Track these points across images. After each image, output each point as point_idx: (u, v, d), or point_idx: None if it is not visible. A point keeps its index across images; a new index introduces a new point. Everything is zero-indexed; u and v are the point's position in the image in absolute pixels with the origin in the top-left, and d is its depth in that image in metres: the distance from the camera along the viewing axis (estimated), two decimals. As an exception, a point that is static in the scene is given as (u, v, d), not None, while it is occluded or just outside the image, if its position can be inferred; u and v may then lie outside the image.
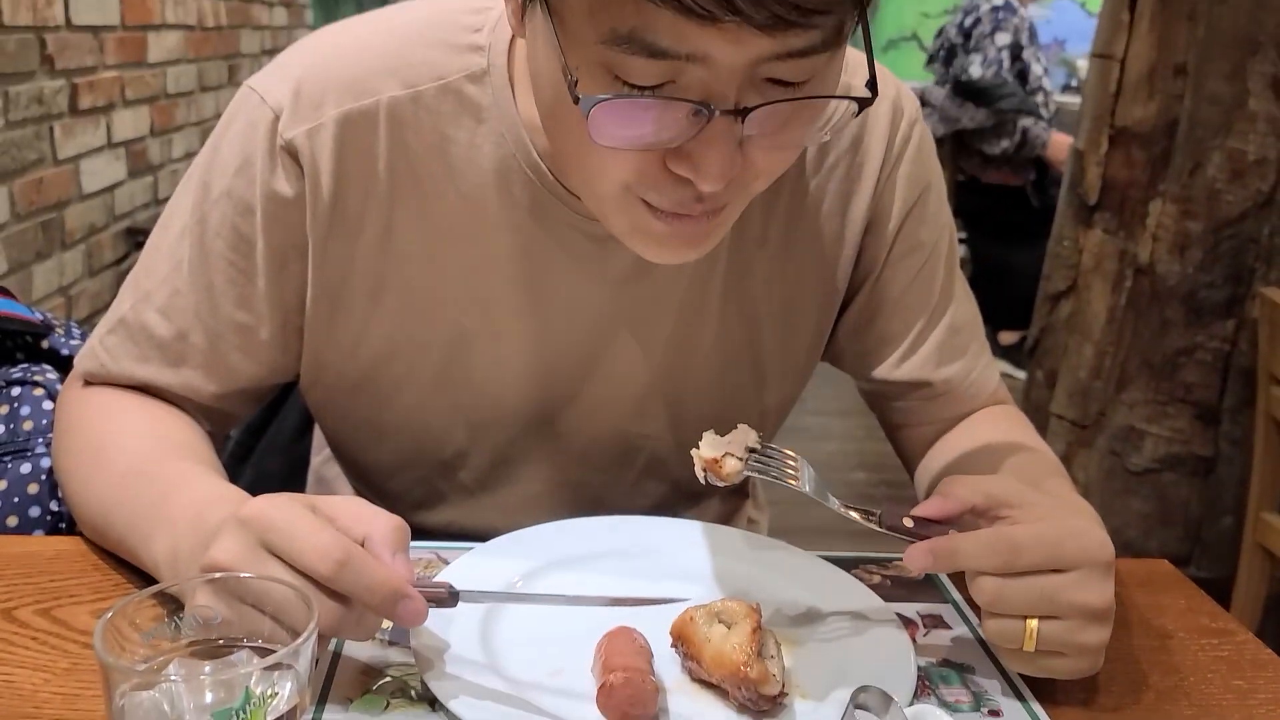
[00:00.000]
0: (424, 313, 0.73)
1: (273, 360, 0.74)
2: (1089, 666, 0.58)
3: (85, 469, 0.70)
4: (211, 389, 0.74)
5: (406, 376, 0.75)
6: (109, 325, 0.74)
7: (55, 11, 2.16)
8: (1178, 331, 1.84)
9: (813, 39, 0.52)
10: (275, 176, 0.69)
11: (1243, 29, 1.73)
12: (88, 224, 2.39)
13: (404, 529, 0.55)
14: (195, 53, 3.00)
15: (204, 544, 0.53)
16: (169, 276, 0.72)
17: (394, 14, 0.73)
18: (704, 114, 0.53)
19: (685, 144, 0.55)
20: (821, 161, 0.76)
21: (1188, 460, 1.87)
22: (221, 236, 0.71)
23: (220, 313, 0.72)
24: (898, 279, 0.79)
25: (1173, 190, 1.82)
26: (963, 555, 0.58)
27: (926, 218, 0.79)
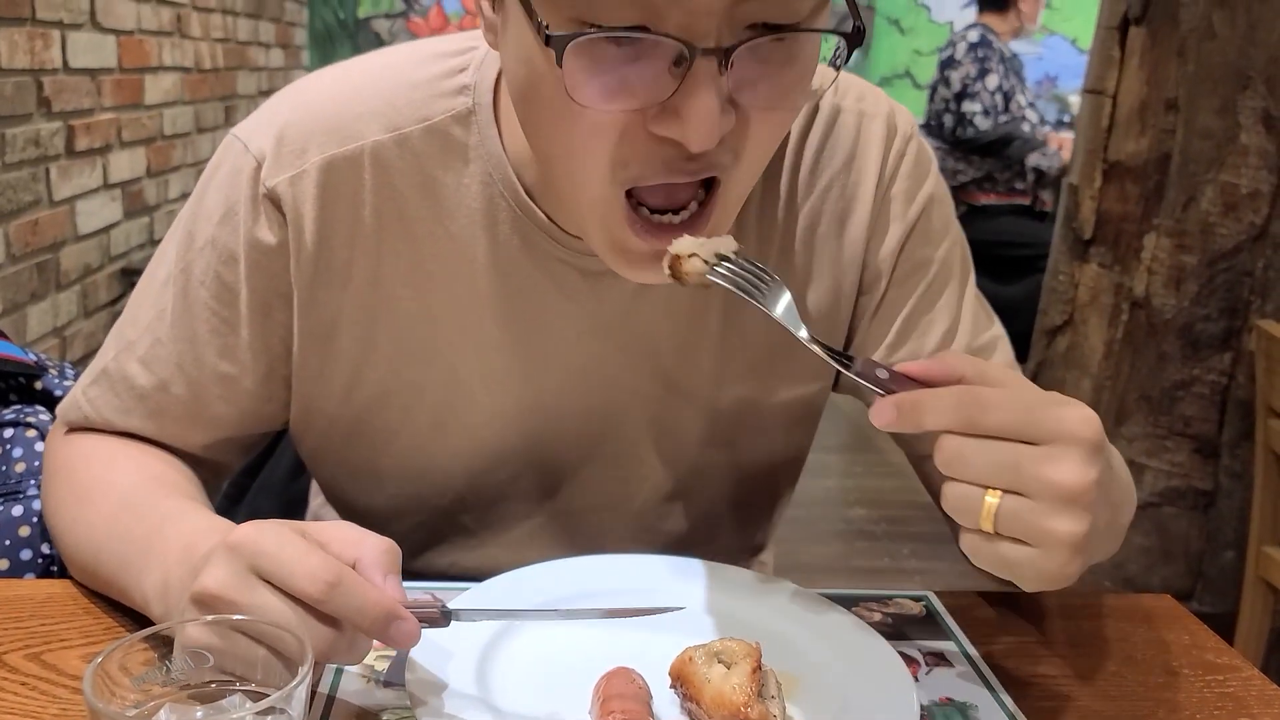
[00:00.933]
0: (417, 357, 0.72)
1: (257, 409, 0.74)
2: (1057, 568, 0.50)
3: (73, 510, 0.69)
4: (196, 438, 0.73)
5: (401, 422, 0.74)
6: (92, 376, 0.74)
7: (53, 54, 2.17)
8: (1175, 365, 1.84)
9: None
10: (258, 225, 0.69)
11: (1232, 64, 1.74)
12: (83, 265, 2.39)
13: (395, 551, 0.54)
14: (192, 94, 3.02)
15: (193, 574, 0.52)
16: (152, 326, 0.72)
17: (377, 58, 0.73)
18: (684, 61, 0.51)
19: (669, 100, 0.52)
20: (814, 184, 0.75)
21: (1188, 494, 1.86)
22: (205, 286, 0.70)
23: (203, 363, 0.71)
24: (904, 297, 0.76)
25: (1167, 224, 1.82)
26: (926, 409, 0.52)
27: (931, 235, 0.77)
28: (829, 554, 2.44)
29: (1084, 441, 0.50)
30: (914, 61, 5.01)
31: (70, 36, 2.24)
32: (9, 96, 2.00)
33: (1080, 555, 0.50)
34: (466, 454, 0.76)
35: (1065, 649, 0.67)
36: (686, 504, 0.81)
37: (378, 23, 4.62)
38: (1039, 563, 0.50)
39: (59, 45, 2.20)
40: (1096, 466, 0.50)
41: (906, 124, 0.77)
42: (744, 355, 0.76)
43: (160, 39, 2.76)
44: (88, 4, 2.32)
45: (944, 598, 0.72)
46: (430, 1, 4.65)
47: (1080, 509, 0.49)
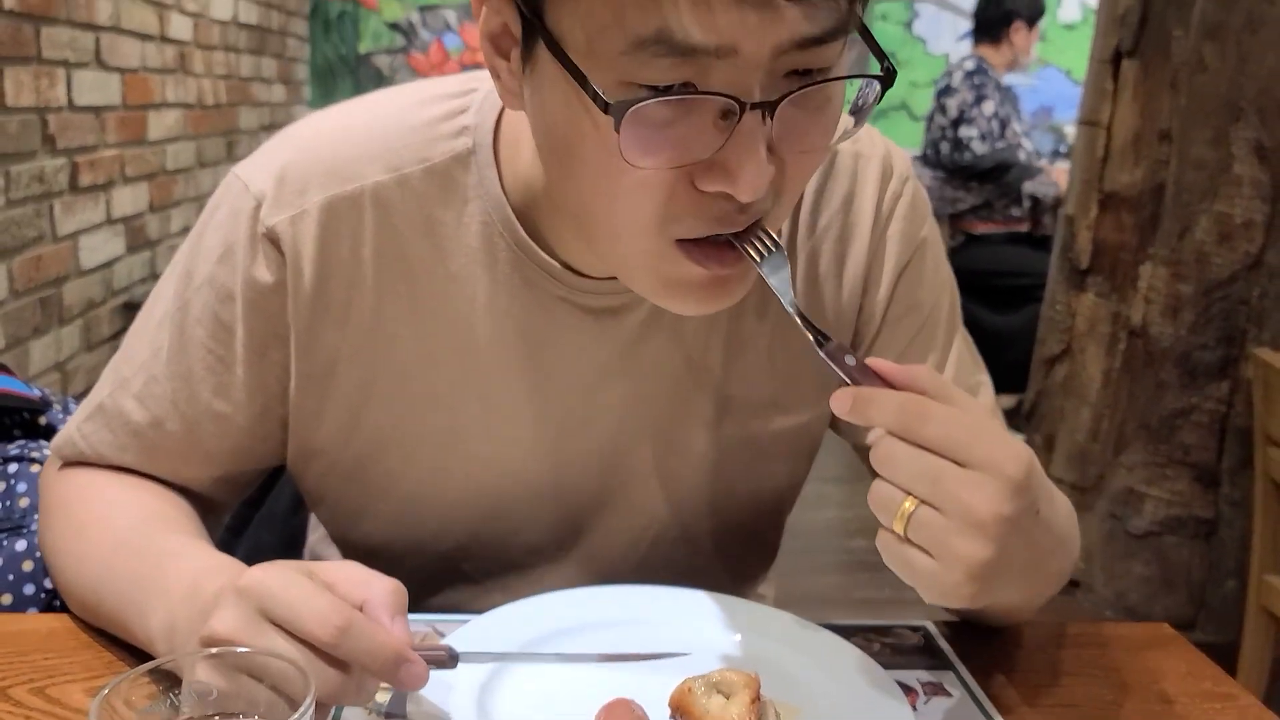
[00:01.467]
0: (417, 399, 0.72)
1: (252, 448, 0.73)
2: (953, 585, 0.52)
3: (72, 547, 0.69)
4: (191, 475, 0.73)
5: (402, 466, 0.74)
6: (87, 411, 0.74)
7: (58, 92, 2.20)
8: (1173, 393, 1.85)
9: (830, 19, 0.52)
10: (256, 264, 0.69)
11: (1223, 96, 1.76)
12: (86, 299, 2.41)
13: (402, 592, 0.55)
14: (194, 130, 3.04)
15: (201, 615, 0.53)
16: (147, 363, 0.72)
17: (378, 100, 0.73)
18: (733, 115, 0.52)
19: (715, 156, 0.54)
20: (815, 224, 0.76)
21: (1189, 523, 1.86)
22: (202, 324, 0.70)
23: (198, 401, 0.71)
24: (896, 340, 0.78)
25: (1162, 253, 1.84)
26: (875, 407, 0.54)
27: (924, 277, 0.78)
28: (830, 585, 2.43)
29: (1008, 477, 0.52)
30: (910, 93, 5.05)
31: (75, 75, 2.27)
32: (14, 134, 2.02)
33: (979, 581, 0.52)
34: (468, 498, 0.75)
35: (1064, 679, 0.68)
36: (688, 540, 0.81)
37: (379, 58, 4.66)
38: (938, 575, 0.52)
39: (64, 83, 2.22)
40: (1014, 503, 0.51)
41: (903, 165, 0.78)
42: (745, 388, 0.77)
43: (164, 76, 2.79)
44: (93, 43, 2.35)
45: (943, 628, 0.72)
46: (430, 38, 4.70)
47: (986, 537, 0.51)
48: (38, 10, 2.08)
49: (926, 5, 5.03)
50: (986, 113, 3.73)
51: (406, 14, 4.66)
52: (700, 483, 0.78)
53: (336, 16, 4.59)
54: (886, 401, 0.54)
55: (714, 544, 0.82)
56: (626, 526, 0.78)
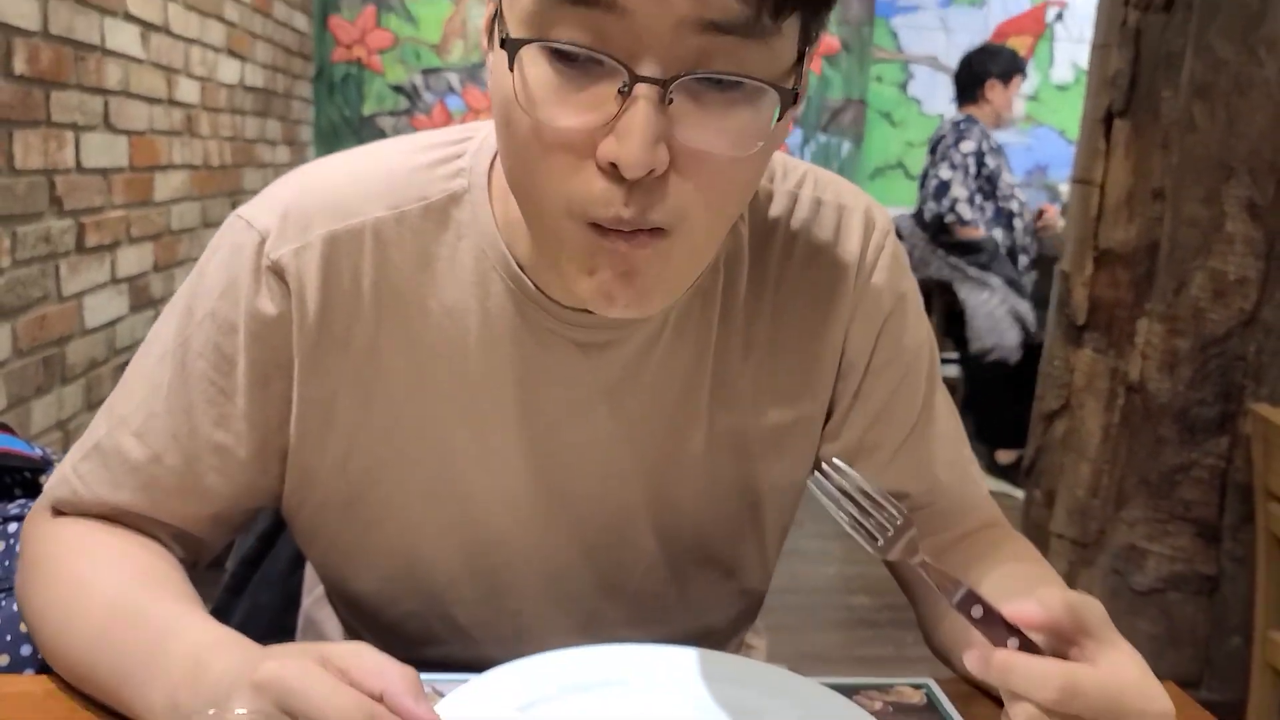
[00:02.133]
0: (410, 429, 0.74)
1: (250, 481, 0.74)
2: None
3: (60, 613, 0.68)
4: (186, 512, 0.73)
5: (396, 496, 0.75)
6: (83, 451, 0.74)
7: (66, 155, 2.23)
8: (1173, 449, 1.85)
9: (731, 6, 0.54)
10: (260, 295, 0.71)
11: (1214, 155, 1.79)
12: (88, 359, 2.42)
13: (416, 676, 0.55)
14: (200, 190, 3.08)
15: (206, 698, 0.53)
16: (147, 400, 0.72)
17: (379, 146, 0.77)
18: (625, 88, 0.55)
19: (612, 126, 0.56)
20: (797, 270, 0.78)
21: (1192, 579, 1.85)
22: (204, 357, 0.71)
23: (198, 433, 0.72)
24: (879, 390, 0.80)
25: (1159, 309, 1.85)
26: (1018, 678, 0.55)
27: (906, 328, 0.80)
28: (831, 642, 2.40)
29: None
30: (906, 152, 5.12)
31: (84, 137, 2.30)
32: (21, 196, 2.05)
33: None
34: (459, 531, 0.76)
35: (1067, 737, 0.67)
36: (681, 581, 0.82)
37: (382, 120, 4.73)
38: None
39: (73, 146, 2.26)
40: None
41: (884, 220, 0.81)
42: (730, 425, 0.78)
43: (171, 138, 2.83)
44: (102, 106, 2.39)
45: (945, 685, 0.72)
46: (433, 99, 4.77)
47: None
48: (49, 75, 2.11)
49: (921, 67, 5.11)
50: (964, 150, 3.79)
51: (410, 77, 4.74)
52: (690, 517, 0.80)
53: (341, 79, 4.67)
54: (1029, 673, 0.55)
55: (703, 580, 0.83)
56: (617, 561, 0.79)
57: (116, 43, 2.44)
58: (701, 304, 0.76)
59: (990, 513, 0.85)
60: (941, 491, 0.82)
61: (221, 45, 3.22)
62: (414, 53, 4.72)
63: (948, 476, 0.82)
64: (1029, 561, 0.79)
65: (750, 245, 0.77)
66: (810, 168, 0.81)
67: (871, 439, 0.81)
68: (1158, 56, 1.83)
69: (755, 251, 0.77)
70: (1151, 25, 1.84)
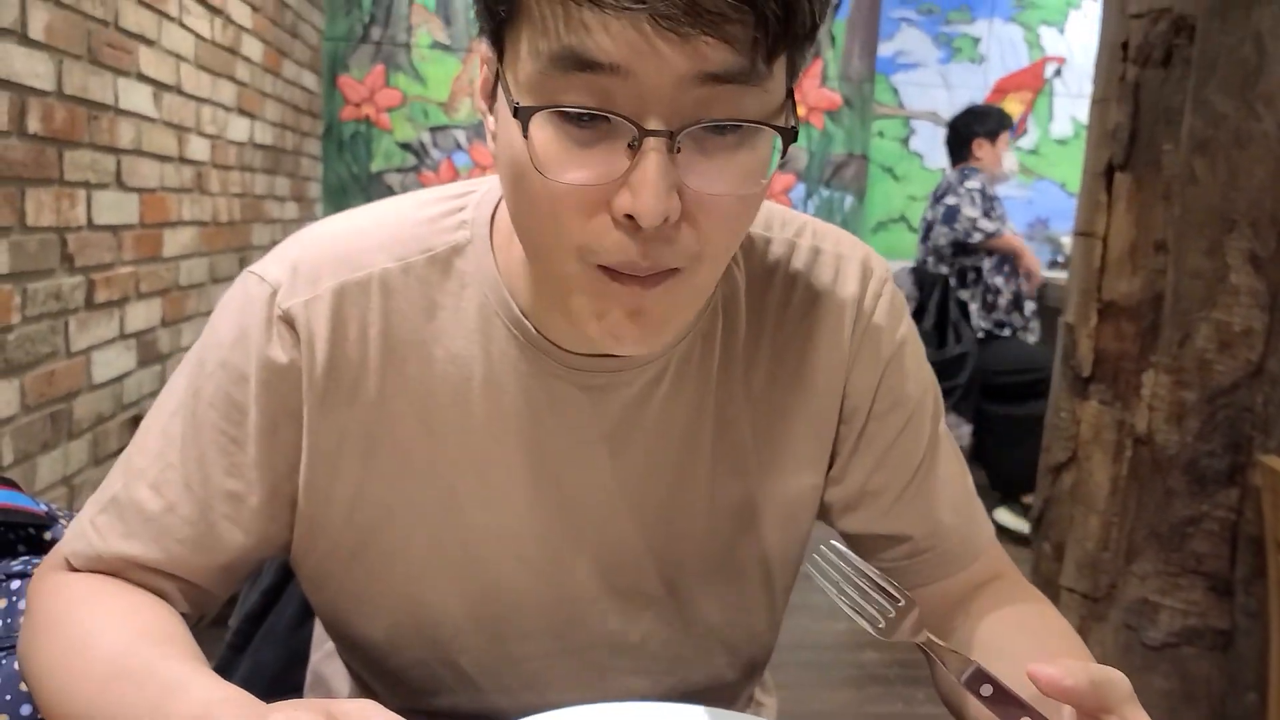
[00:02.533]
0: (417, 476, 0.74)
1: (261, 529, 0.75)
2: None
3: (63, 670, 0.68)
4: (198, 563, 0.74)
5: (401, 544, 0.75)
6: (100, 505, 0.75)
7: (78, 212, 2.26)
8: (1182, 501, 1.84)
9: (728, 60, 0.56)
10: (271, 344, 0.72)
11: (1216, 208, 1.80)
12: (95, 414, 2.42)
13: None
14: (208, 246, 3.11)
15: None
16: (162, 452, 0.73)
17: (385, 203, 0.79)
18: (635, 143, 0.57)
19: (624, 180, 0.58)
20: (795, 315, 0.79)
21: (1206, 634, 1.83)
22: (215, 407, 0.73)
23: (210, 482, 0.73)
24: (882, 435, 0.81)
25: (1164, 361, 1.85)
26: None
27: (907, 373, 0.81)
28: (841, 700, 2.37)
29: None
30: (908, 206, 5.16)
31: (96, 195, 2.33)
32: (33, 253, 2.07)
33: None
34: (465, 578, 0.76)
35: (1081, 797, 0.66)
36: (687, 630, 0.81)
37: (390, 177, 4.78)
38: None
39: (84, 203, 2.28)
40: None
41: (882, 268, 0.82)
42: (732, 465, 0.79)
43: (181, 195, 2.86)
44: (114, 165, 2.42)
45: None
46: (441, 156, 4.83)
47: None
48: (62, 134, 2.15)
49: (922, 122, 5.17)
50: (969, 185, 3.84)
51: (418, 134, 4.80)
52: (695, 560, 0.80)
53: (350, 137, 4.73)
54: None
55: (709, 627, 0.82)
56: (620, 608, 0.79)
57: (130, 102, 2.48)
58: (702, 348, 0.77)
59: (999, 561, 0.85)
60: (945, 535, 0.82)
61: (232, 104, 3.27)
62: (422, 111, 4.78)
63: (952, 520, 0.82)
64: (1050, 623, 0.78)
65: (748, 291, 0.78)
66: (809, 219, 0.82)
67: (875, 484, 0.81)
68: (1157, 111, 1.85)
69: (753, 297, 0.78)
70: (1150, 80, 1.87)
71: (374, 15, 4.73)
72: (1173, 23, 1.83)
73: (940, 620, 0.82)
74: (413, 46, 4.76)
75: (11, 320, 2.00)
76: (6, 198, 1.95)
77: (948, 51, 5.14)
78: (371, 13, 4.72)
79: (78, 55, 2.20)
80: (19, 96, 1.96)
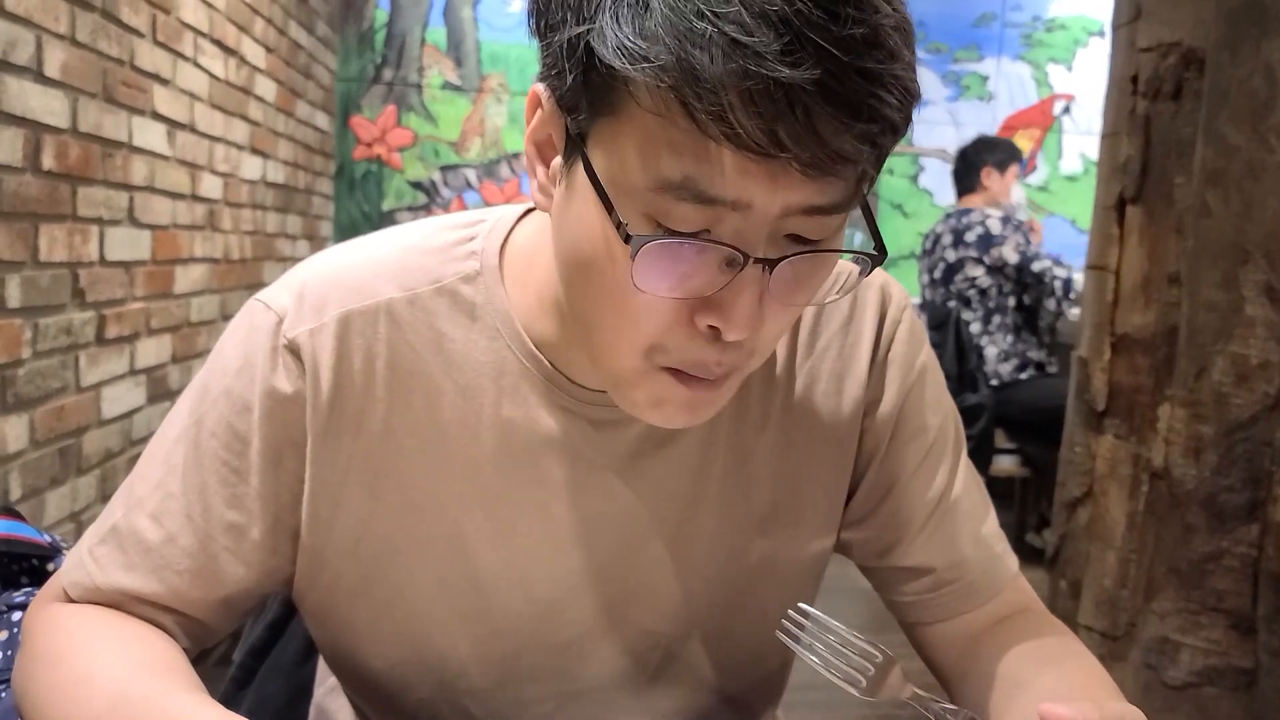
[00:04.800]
0: (423, 510, 0.73)
1: (262, 562, 0.73)
2: None
3: (61, 702, 0.66)
4: (197, 596, 0.72)
5: (406, 580, 0.74)
6: (99, 535, 0.73)
7: (90, 248, 2.27)
8: (1201, 537, 1.81)
9: (838, 193, 0.57)
10: (275, 374, 0.71)
11: (1229, 240, 1.79)
12: (104, 449, 2.42)
13: None
14: (219, 283, 3.12)
15: None
16: (163, 482, 0.72)
17: (393, 231, 0.78)
18: (737, 263, 0.57)
19: (714, 295, 0.58)
20: (813, 345, 0.78)
21: (1228, 673, 1.79)
22: (216, 436, 0.72)
23: (212, 513, 0.71)
24: (905, 463, 0.79)
25: (1180, 395, 1.83)
26: None
27: (926, 402, 0.80)
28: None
29: None
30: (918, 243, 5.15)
31: (108, 231, 2.35)
32: (45, 288, 2.08)
33: None
34: (471, 616, 0.75)
35: (1108, 836, 0.64)
36: (700, 664, 0.80)
37: (402, 215, 4.81)
38: None
39: (97, 239, 2.29)
40: None
41: (900, 295, 0.81)
42: (747, 500, 0.78)
43: (193, 232, 2.88)
44: (127, 201, 2.44)
45: (976, 781, 0.69)
46: (451, 195, 4.86)
47: None
48: (76, 170, 2.16)
49: (931, 160, 5.19)
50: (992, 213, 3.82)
51: (429, 173, 4.83)
52: (705, 597, 0.78)
53: (361, 176, 4.77)
54: None
55: (716, 668, 0.81)
56: (629, 649, 0.77)
57: (143, 140, 2.50)
58: None
59: (1023, 594, 0.83)
60: (968, 567, 0.80)
61: (245, 143, 3.30)
62: (433, 150, 4.82)
63: (974, 552, 0.80)
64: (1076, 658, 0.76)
65: None
66: None
67: (896, 514, 0.80)
68: (1168, 144, 1.85)
69: None
70: (1161, 114, 1.87)
71: (386, 56, 4.78)
72: (1182, 56, 1.83)
73: (962, 654, 0.80)
74: (424, 87, 4.81)
75: (22, 355, 2.00)
76: (20, 233, 1.96)
77: (956, 89, 5.16)
78: (384, 54, 4.78)
79: (93, 93, 2.22)
80: (34, 133, 1.98)
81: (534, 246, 0.72)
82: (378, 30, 4.78)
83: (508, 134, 4.84)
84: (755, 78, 0.51)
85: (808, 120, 0.52)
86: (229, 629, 0.79)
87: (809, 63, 0.51)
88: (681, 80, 0.52)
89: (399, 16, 4.79)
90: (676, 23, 0.52)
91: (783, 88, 0.51)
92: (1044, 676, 0.72)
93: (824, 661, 0.62)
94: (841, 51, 0.52)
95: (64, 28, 2.08)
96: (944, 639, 0.81)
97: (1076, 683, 0.71)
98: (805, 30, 0.51)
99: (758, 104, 0.52)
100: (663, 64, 0.52)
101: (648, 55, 0.53)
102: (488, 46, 4.84)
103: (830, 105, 0.52)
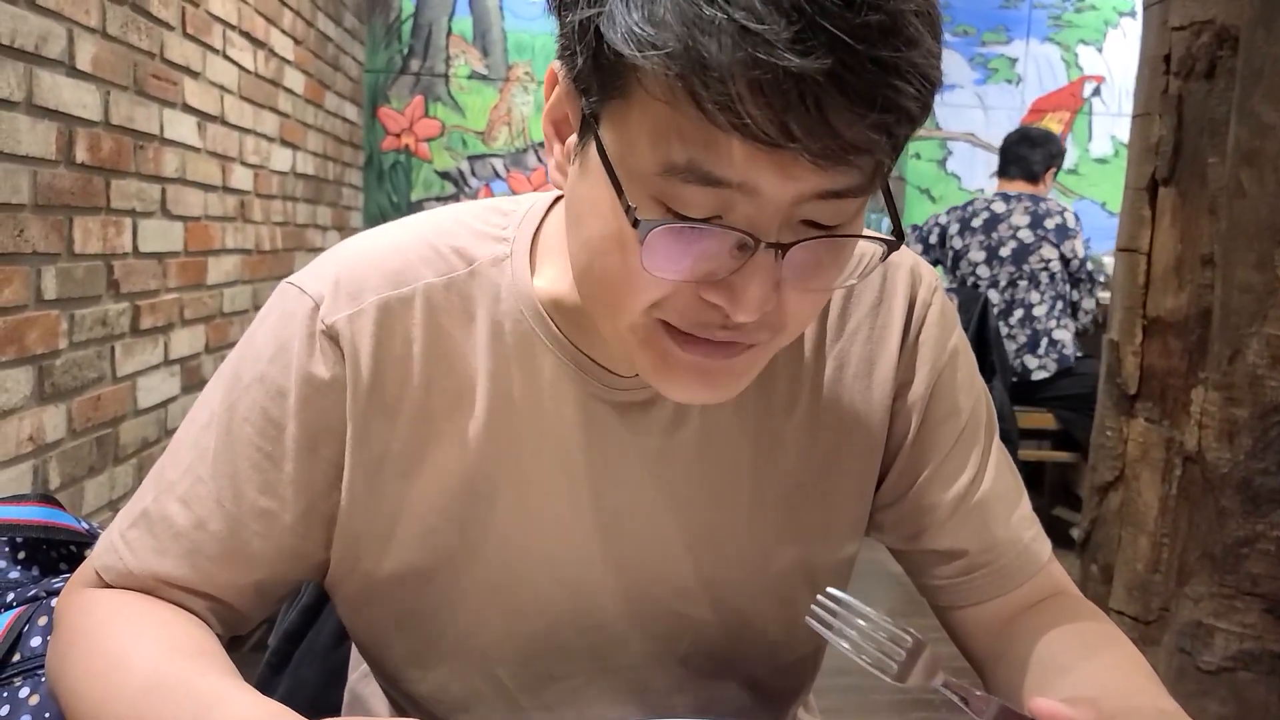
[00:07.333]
0: (456, 492, 0.73)
1: (294, 547, 0.73)
2: None
3: (96, 687, 0.67)
4: (228, 580, 0.73)
5: (439, 558, 0.74)
6: (131, 518, 0.74)
7: (124, 240, 2.30)
8: (1236, 520, 1.79)
9: (852, 180, 0.55)
10: (313, 360, 0.71)
11: (1265, 220, 1.76)
12: (140, 439, 2.45)
13: None
14: (251, 274, 3.15)
15: None
16: (193, 466, 0.72)
17: (423, 217, 0.78)
18: (749, 247, 0.56)
19: (725, 277, 0.57)
20: (843, 327, 0.77)
21: (1263, 658, 1.77)
22: (250, 422, 0.71)
23: (243, 499, 0.71)
24: (941, 443, 0.79)
25: (1214, 378, 1.81)
26: None
27: (959, 383, 0.79)
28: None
29: None
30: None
31: (141, 223, 2.37)
32: (80, 280, 2.11)
33: None
34: (504, 599, 0.75)
35: (1138, 817, 0.64)
36: (731, 648, 0.80)
37: (430, 205, 4.84)
38: None
39: (130, 231, 2.32)
40: None
41: (930, 276, 0.80)
42: (777, 484, 0.77)
43: (224, 223, 2.91)
44: (159, 194, 2.46)
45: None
46: (479, 185, 4.88)
47: None
48: (109, 163, 2.19)
49: (959, 143, 5.14)
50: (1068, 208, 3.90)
51: (457, 164, 4.85)
52: (737, 580, 0.78)
53: (390, 166, 4.79)
54: None
55: (754, 646, 0.81)
56: (658, 632, 0.77)
57: (175, 132, 2.52)
58: None
59: (1057, 578, 0.82)
60: (1001, 550, 0.80)
61: (275, 135, 3.32)
62: (461, 140, 4.84)
63: (1006, 535, 0.80)
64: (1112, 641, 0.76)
65: None
66: None
67: (928, 497, 0.79)
68: (1201, 123, 1.83)
69: None
70: (1194, 93, 1.84)
71: (413, 47, 4.80)
72: (1216, 34, 1.81)
73: (996, 638, 0.80)
74: (451, 77, 4.82)
75: (59, 345, 2.04)
76: (54, 225, 1.98)
77: (984, 72, 5.11)
78: (410, 44, 4.79)
79: (124, 86, 2.24)
80: (67, 126, 2.01)
81: (564, 233, 0.71)
82: (404, 21, 4.79)
83: (535, 123, 4.84)
84: (764, 66, 0.50)
85: (819, 111, 0.51)
86: (262, 615, 0.80)
87: (820, 51, 0.49)
88: (689, 68, 0.51)
89: (425, 7, 4.80)
90: (686, 9, 0.51)
91: (793, 77, 0.50)
92: (1086, 664, 0.72)
93: (855, 647, 0.62)
94: (855, 39, 0.50)
95: (95, 21, 2.10)
96: (977, 623, 0.81)
97: (1114, 666, 0.71)
98: (818, 17, 0.49)
99: (767, 94, 0.50)
100: (670, 51, 0.51)
101: (655, 42, 0.51)
102: (514, 35, 4.85)
103: (843, 95, 0.51)
